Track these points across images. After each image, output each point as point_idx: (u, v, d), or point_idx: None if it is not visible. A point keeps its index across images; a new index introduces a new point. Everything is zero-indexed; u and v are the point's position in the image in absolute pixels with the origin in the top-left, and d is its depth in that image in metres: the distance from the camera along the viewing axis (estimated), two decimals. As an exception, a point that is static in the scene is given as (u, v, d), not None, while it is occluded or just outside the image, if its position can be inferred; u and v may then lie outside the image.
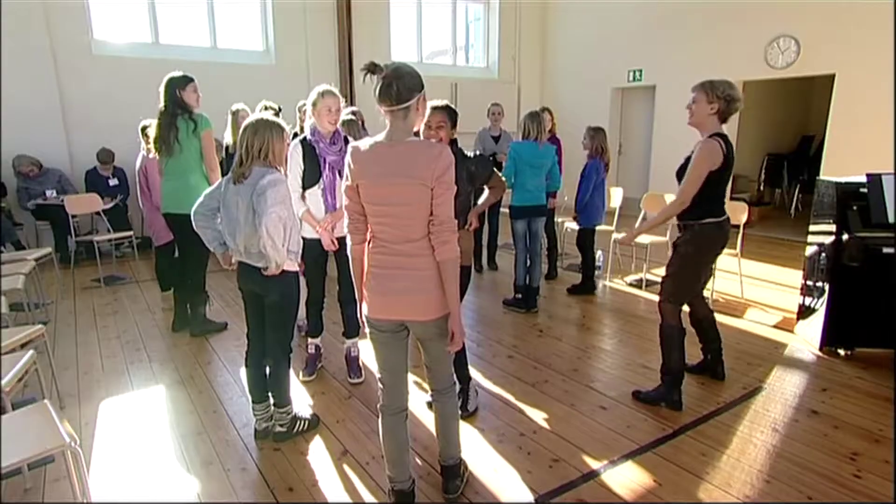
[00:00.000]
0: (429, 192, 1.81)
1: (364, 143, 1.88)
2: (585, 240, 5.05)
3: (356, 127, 3.84)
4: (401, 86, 1.78)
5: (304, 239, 3.17)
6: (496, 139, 5.79)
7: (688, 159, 2.91)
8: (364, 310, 2.02)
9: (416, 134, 1.95)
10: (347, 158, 1.88)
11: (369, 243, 1.96)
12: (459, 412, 2.85)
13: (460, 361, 2.91)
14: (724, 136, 2.82)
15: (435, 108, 2.65)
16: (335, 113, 2.99)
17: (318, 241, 3.13)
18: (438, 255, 1.86)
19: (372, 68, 1.79)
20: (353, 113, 3.99)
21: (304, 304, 3.86)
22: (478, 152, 2.88)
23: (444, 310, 1.94)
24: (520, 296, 4.63)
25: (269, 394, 2.68)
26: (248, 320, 2.67)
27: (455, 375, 2.97)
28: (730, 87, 2.79)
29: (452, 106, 2.75)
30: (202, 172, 3.84)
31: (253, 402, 2.70)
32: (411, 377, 2.99)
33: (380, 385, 2.11)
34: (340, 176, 3.04)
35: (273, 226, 2.31)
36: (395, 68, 1.81)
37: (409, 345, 2.11)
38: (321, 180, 3.04)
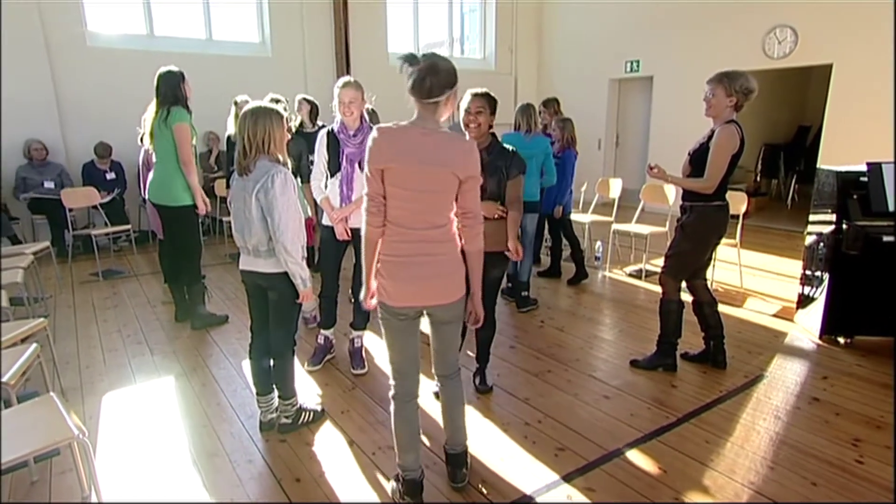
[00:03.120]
0: (457, 181, 1.87)
1: (393, 127, 1.88)
2: (566, 229, 5.08)
3: (376, 120, 3.82)
4: (434, 83, 1.80)
5: (323, 227, 3.21)
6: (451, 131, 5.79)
7: (702, 144, 3.00)
8: (376, 298, 2.01)
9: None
10: (374, 140, 1.86)
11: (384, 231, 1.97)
12: (485, 387, 3.06)
13: (487, 341, 3.10)
14: (738, 123, 2.89)
15: (474, 95, 2.75)
16: (349, 105, 2.99)
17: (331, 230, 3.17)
18: (469, 245, 1.96)
19: (409, 59, 1.83)
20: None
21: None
22: (511, 149, 2.87)
23: (462, 291, 2.01)
24: (510, 284, 4.61)
25: (274, 386, 2.68)
26: (252, 313, 2.66)
27: (479, 355, 3.13)
28: (746, 80, 2.86)
29: (492, 93, 2.77)
30: (175, 166, 3.77)
31: (257, 394, 2.69)
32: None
33: (393, 373, 2.11)
34: (360, 168, 3.05)
35: (291, 243, 2.35)
36: (431, 63, 1.81)
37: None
38: (340, 171, 3.07)
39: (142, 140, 3.89)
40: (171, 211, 3.84)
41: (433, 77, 1.80)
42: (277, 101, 4.10)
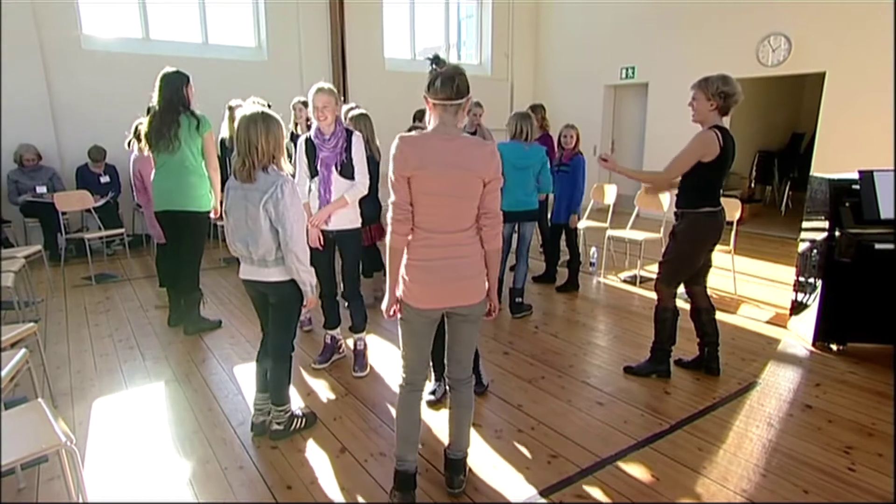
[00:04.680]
0: (481, 184, 1.94)
1: (415, 135, 1.94)
2: (570, 237, 5.08)
3: (369, 123, 3.81)
4: (461, 82, 1.89)
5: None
6: (472, 135, 5.78)
7: None
8: (401, 297, 2.04)
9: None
10: (398, 148, 1.90)
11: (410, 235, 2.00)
12: (482, 388, 3.09)
13: None
14: (723, 129, 2.90)
15: None
16: (322, 110, 3.02)
17: (327, 233, 3.20)
18: (489, 244, 2.02)
19: (436, 60, 1.92)
20: (355, 107, 3.98)
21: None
22: None
23: (484, 292, 2.07)
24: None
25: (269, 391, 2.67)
26: (261, 318, 2.67)
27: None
28: (724, 83, 2.86)
29: None
30: (202, 171, 3.80)
31: (258, 391, 2.70)
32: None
33: (405, 367, 2.15)
34: (338, 171, 3.10)
35: (303, 252, 2.37)
36: (455, 66, 1.93)
37: None
38: (318, 176, 3.11)
39: (129, 145, 3.86)
40: (190, 216, 3.81)
41: (460, 77, 1.89)
42: (269, 107, 4.10)
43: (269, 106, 4.14)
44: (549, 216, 5.16)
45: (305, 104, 4.92)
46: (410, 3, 9.15)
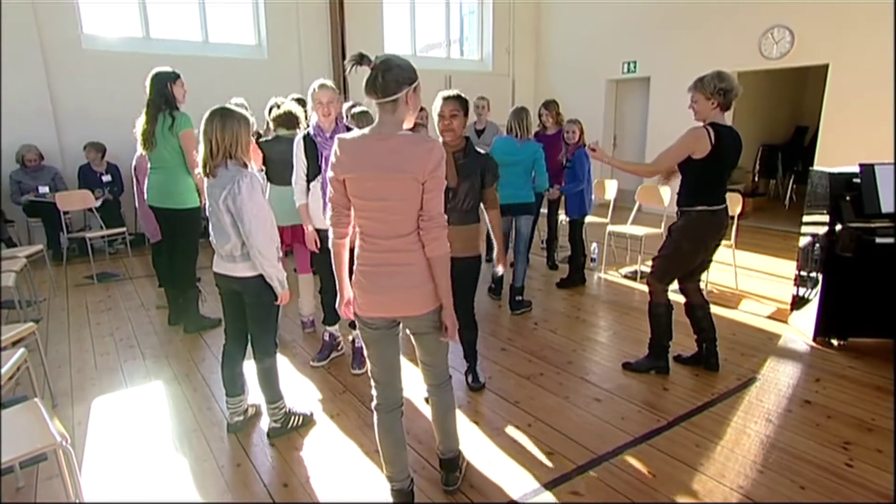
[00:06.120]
0: (420, 186, 1.76)
1: (352, 136, 1.83)
2: (575, 232, 5.06)
3: (371, 120, 3.81)
4: (388, 77, 1.72)
5: (317, 230, 3.24)
6: (480, 132, 5.79)
7: None
8: (353, 307, 1.99)
9: (415, 128, 1.92)
10: (333, 150, 1.83)
11: (356, 240, 1.94)
12: (479, 384, 3.10)
13: (471, 343, 3.15)
14: (719, 127, 2.87)
15: (447, 98, 2.72)
16: (326, 106, 3.00)
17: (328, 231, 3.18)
18: (429, 251, 1.83)
19: (359, 59, 1.75)
20: (355, 105, 3.96)
21: (308, 297, 3.92)
22: (484, 152, 2.89)
23: (435, 302, 1.91)
24: (493, 285, 4.77)
25: (260, 391, 2.67)
26: (226, 317, 2.65)
27: (466, 355, 3.17)
28: (720, 79, 2.84)
29: (463, 95, 2.76)
30: (185, 169, 3.79)
31: (227, 395, 2.71)
32: (405, 371, 2.99)
33: (373, 383, 2.08)
34: None
35: (265, 247, 2.35)
36: (383, 60, 1.74)
37: (400, 339, 2.10)
38: (320, 175, 3.09)
39: (143, 144, 3.87)
40: (175, 214, 3.81)
41: (387, 73, 1.72)
42: (301, 101, 4.05)
43: (301, 102, 4.13)
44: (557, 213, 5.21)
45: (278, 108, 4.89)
46: (411, 0, 9.13)
